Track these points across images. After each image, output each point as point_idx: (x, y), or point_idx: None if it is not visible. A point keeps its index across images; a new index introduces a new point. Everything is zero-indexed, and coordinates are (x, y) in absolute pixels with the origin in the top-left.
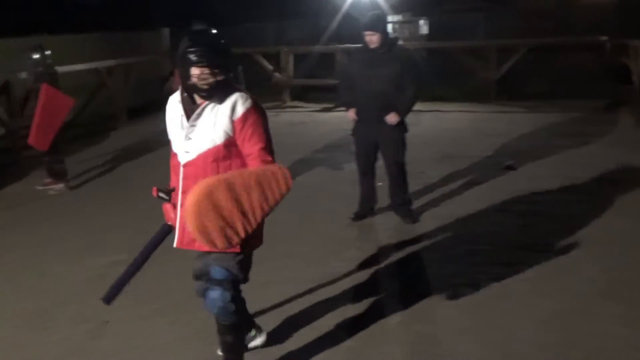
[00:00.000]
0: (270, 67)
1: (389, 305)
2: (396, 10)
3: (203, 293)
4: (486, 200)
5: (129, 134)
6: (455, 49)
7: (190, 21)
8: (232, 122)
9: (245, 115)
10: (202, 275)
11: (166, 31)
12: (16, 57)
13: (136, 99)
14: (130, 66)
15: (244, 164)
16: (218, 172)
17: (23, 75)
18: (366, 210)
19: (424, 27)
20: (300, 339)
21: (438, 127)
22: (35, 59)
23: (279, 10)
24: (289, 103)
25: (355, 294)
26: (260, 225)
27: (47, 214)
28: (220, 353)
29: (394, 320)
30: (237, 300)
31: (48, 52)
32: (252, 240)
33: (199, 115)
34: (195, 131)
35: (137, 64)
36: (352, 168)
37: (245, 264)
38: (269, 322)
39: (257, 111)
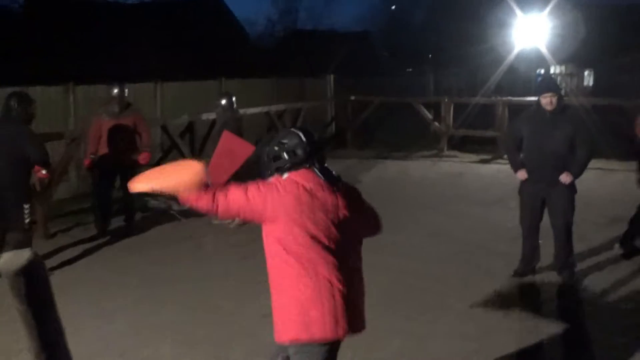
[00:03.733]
0: (429, 116)
1: None
2: (559, 61)
3: None
4: None
5: None
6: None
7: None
8: None
9: None
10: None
11: (330, 78)
12: (199, 99)
13: None
14: (298, 110)
15: None
16: None
17: (205, 116)
18: (528, 269)
19: (588, 79)
20: None
21: (602, 188)
22: (224, 105)
23: (437, 60)
24: (446, 152)
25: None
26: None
27: (224, 247)
28: None
29: None
30: None
31: (234, 98)
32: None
33: None
34: None
35: (304, 108)
36: (510, 225)
37: None
38: None
39: None
